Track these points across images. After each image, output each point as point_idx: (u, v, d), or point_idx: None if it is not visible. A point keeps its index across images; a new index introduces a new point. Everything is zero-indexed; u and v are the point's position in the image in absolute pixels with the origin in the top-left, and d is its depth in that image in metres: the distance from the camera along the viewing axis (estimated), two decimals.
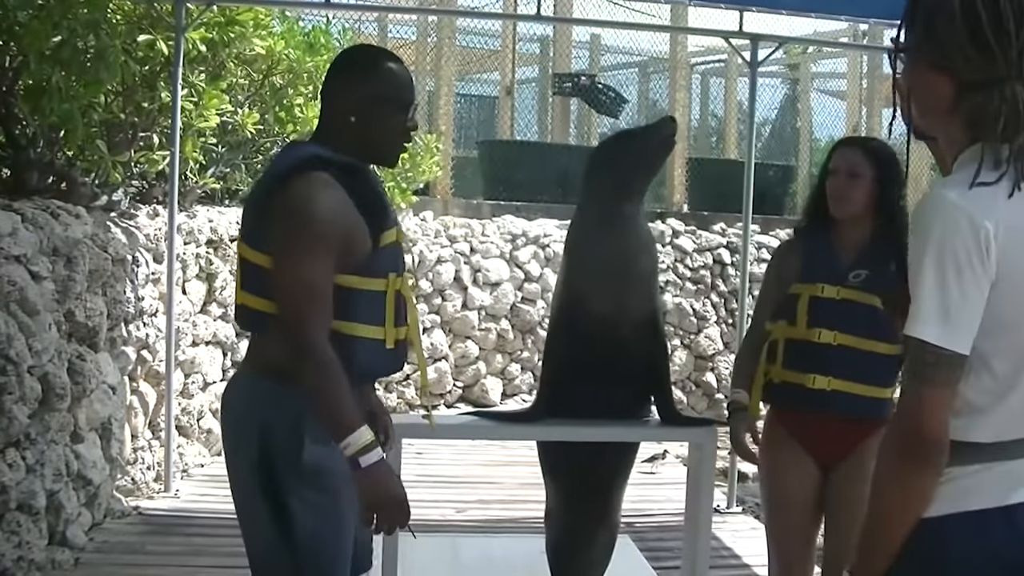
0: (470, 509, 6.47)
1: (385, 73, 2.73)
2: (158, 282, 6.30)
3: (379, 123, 2.72)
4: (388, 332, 2.68)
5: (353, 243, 2.60)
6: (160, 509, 6.00)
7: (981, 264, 1.80)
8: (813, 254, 3.54)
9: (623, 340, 3.51)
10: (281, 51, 7.34)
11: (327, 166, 2.62)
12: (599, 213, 3.56)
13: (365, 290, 2.64)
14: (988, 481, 1.88)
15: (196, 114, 6.29)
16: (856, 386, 3.35)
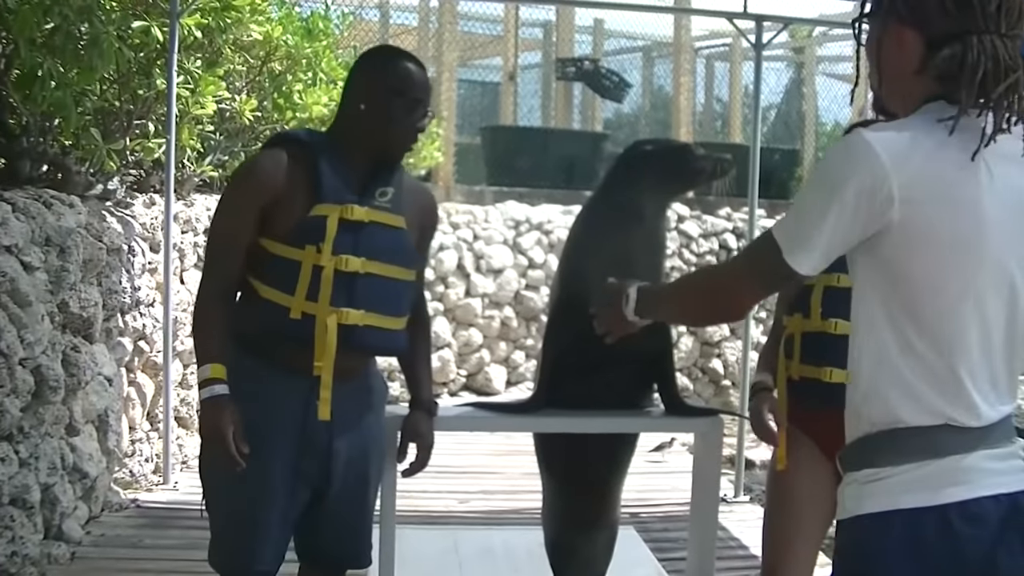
0: (473, 500, 6.39)
1: (401, 71, 2.84)
2: (155, 272, 6.22)
3: (386, 116, 2.81)
4: (295, 303, 2.74)
5: (280, 209, 2.73)
6: (159, 502, 5.93)
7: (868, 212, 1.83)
8: None
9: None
10: (279, 37, 7.24)
11: (284, 142, 2.86)
12: (615, 203, 3.45)
13: (279, 256, 2.74)
14: (920, 480, 1.87)
15: (193, 101, 6.19)
16: None
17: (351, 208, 2.77)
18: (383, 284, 2.83)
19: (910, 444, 1.88)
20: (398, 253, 2.86)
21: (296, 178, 2.76)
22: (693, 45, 14.30)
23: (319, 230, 2.73)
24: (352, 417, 2.91)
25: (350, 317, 2.76)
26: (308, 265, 2.73)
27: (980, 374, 1.89)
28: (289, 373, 2.80)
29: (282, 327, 2.76)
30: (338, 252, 2.74)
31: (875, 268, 1.92)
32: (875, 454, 1.94)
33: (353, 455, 2.92)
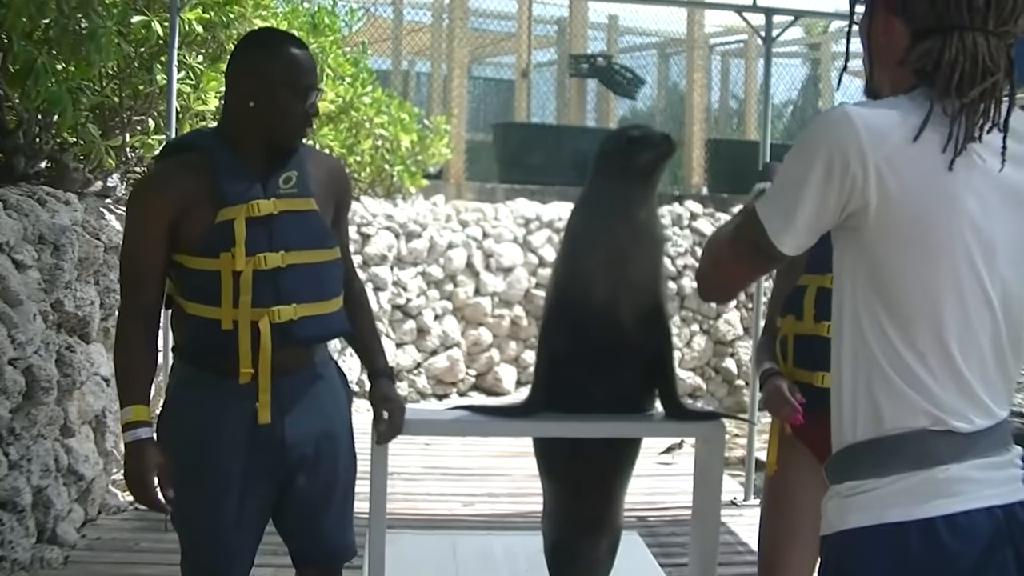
0: (477, 503, 6.28)
1: (285, 58, 2.71)
2: None
3: (277, 109, 2.70)
4: (223, 313, 2.64)
5: (186, 221, 2.64)
6: None
7: (843, 186, 1.76)
8: (821, 242, 3.29)
9: (624, 328, 3.26)
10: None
11: (176, 151, 2.80)
12: (591, 200, 3.33)
13: (196, 269, 2.64)
14: (906, 492, 1.77)
15: (194, 97, 6.10)
16: None
17: (256, 205, 2.68)
18: (308, 272, 2.75)
19: (895, 453, 1.78)
20: (315, 236, 2.77)
21: (194, 187, 2.67)
22: (708, 41, 14.12)
23: (228, 235, 2.64)
24: (305, 408, 2.82)
25: (283, 314, 2.69)
26: (227, 273, 2.63)
27: (970, 376, 1.78)
28: (230, 380, 2.70)
29: (216, 340, 2.67)
30: (253, 252, 2.65)
31: (855, 259, 1.84)
32: (859, 465, 1.84)
33: (314, 446, 2.84)
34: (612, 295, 3.24)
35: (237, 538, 2.78)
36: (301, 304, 2.72)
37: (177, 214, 2.64)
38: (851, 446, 1.86)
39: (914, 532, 1.74)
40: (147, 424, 2.63)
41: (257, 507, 2.80)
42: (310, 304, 2.74)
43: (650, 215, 3.39)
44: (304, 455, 2.82)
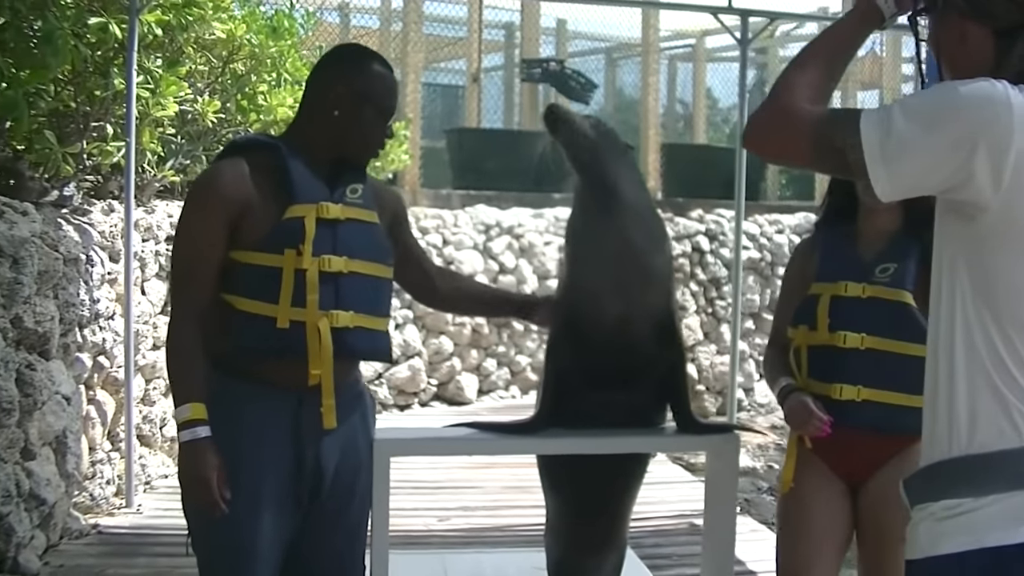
0: (453, 517, 6.10)
1: (378, 79, 2.74)
2: (115, 282, 5.87)
3: (360, 124, 2.72)
4: (281, 311, 2.58)
5: (249, 217, 2.59)
6: (121, 527, 5.58)
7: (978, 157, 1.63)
8: (834, 249, 3.16)
9: (636, 340, 3.10)
10: (242, 36, 6.91)
11: (239, 149, 2.73)
12: (577, 204, 3.17)
13: (257, 265, 2.59)
14: (1009, 513, 1.65)
15: (153, 102, 5.86)
16: (890, 395, 2.95)
17: (326, 207, 2.64)
18: (366, 283, 2.71)
19: (997, 471, 1.66)
20: (376, 249, 2.75)
21: (262, 184, 2.63)
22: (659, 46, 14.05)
23: (297, 232, 2.60)
24: (340, 431, 2.74)
25: (340, 319, 2.63)
26: (290, 270, 2.58)
27: None
28: (273, 391, 2.64)
29: (269, 339, 2.59)
30: (319, 252, 2.61)
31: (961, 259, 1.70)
32: (955, 483, 1.71)
33: (341, 471, 2.77)
34: (624, 307, 3.09)
35: (271, 561, 2.68)
36: (358, 314, 2.67)
37: (241, 209, 2.59)
38: (945, 462, 1.73)
39: (1013, 555, 1.62)
40: (206, 423, 2.56)
41: (286, 528, 2.71)
42: (365, 316, 2.70)
43: (654, 219, 3.23)
44: (330, 481, 2.75)
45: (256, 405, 2.65)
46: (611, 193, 3.07)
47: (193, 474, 2.55)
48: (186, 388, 2.59)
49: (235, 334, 2.62)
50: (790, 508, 3.19)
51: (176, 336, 2.63)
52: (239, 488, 2.58)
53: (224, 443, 2.58)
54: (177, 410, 2.58)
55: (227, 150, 2.78)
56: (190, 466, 2.55)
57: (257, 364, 2.64)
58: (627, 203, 3.11)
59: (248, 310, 2.60)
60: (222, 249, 2.60)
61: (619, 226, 3.09)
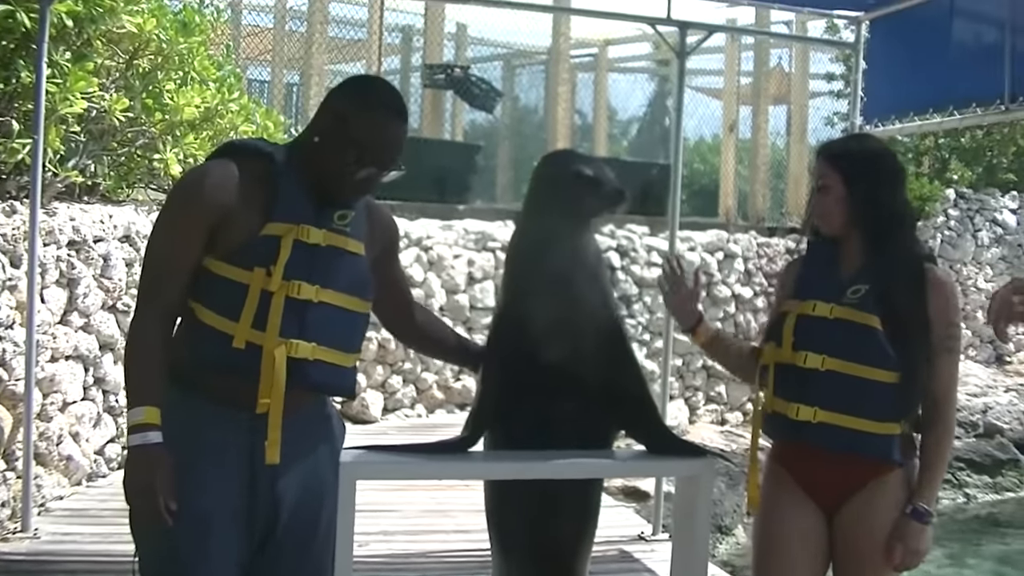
0: (372, 543, 5.99)
1: (374, 123, 2.62)
2: (15, 289, 5.64)
3: (335, 161, 2.61)
4: (239, 330, 2.53)
5: (228, 226, 2.54)
6: (17, 554, 5.35)
7: None
8: (811, 268, 3.23)
9: (581, 352, 3.10)
10: (152, 30, 6.72)
11: (232, 152, 2.65)
12: (539, 224, 3.16)
13: (224, 277, 2.55)
14: None
15: (61, 97, 5.66)
16: (844, 418, 2.99)
17: (307, 229, 2.58)
18: (337, 315, 2.64)
19: None
20: (355, 282, 2.69)
21: (248, 193, 2.57)
22: (569, 54, 14.11)
23: (270, 251, 2.54)
24: (299, 456, 2.68)
25: (300, 350, 2.56)
26: (256, 289, 2.53)
27: None
28: (230, 408, 2.57)
29: (223, 357, 2.54)
30: (290, 277, 2.55)
31: None
32: None
33: (302, 505, 2.69)
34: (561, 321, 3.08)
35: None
36: (321, 346, 2.59)
37: (222, 215, 2.54)
38: None
39: None
40: (157, 428, 2.49)
41: (238, 553, 2.63)
42: (329, 350, 2.62)
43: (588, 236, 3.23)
44: (288, 509, 2.67)
45: (210, 422, 2.59)
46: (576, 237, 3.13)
47: (138, 481, 2.47)
48: (142, 390, 2.52)
49: (192, 344, 2.59)
50: (764, 530, 3.23)
51: (139, 336, 2.56)
52: (186, 507, 2.51)
53: (174, 456, 2.52)
54: (130, 412, 2.51)
55: (220, 151, 2.72)
56: (136, 473, 2.48)
57: (212, 379, 2.58)
58: (584, 230, 3.17)
59: (208, 323, 2.55)
60: (198, 251, 2.55)
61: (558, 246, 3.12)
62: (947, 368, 3.04)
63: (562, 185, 3.10)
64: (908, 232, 3.13)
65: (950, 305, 3.04)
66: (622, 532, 6.35)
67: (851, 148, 3.20)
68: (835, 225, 3.12)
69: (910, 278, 3.02)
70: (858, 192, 3.06)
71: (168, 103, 7.03)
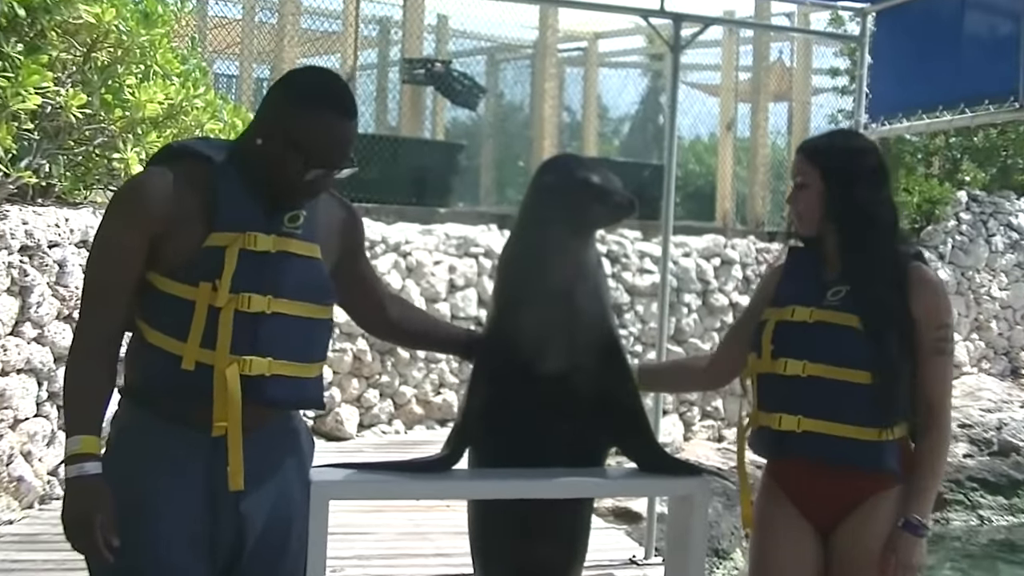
0: (348, 568, 5.99)
1: (317, 122, 2.58)
2: None
3: (279, 166, 2.58)
4: (188, 350, 2.52)
5: (170, 238, 2.53)
6: None
7: None
8: (792, 272, 3.27)
9: (576, 366, 3.13)
10: (111, 21, 6.70)
11: (172, 157, 2.64)
12: (536, 234, 3.17)
13: (169, 294, 2.54)
14: None
15: (12, 93, 5.64)
16: (830, 425, 3.02)
17: (253, 237, 2.57)
18: (293, 325, 2.63)
19: None
20: (311, 288, 2.67)
21: (188, 202, 2.56)
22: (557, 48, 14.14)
23: (215, 263, 2.53)
24: (264, 475, 2.67)
25: (254, 366, 2.55)
26: (203, 306, 2.52)
27: None
28: (186, 429, 2.56)
29: (173, 379, 2.54)
30: (238, 289, 2.54)
31: None
32: None
33: (269, 527, 2.68)
34: (558, 336, 3.12)
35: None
36: (278, 360, 2.58)
37: (164, 228, 2.53)
38: None
39: None
40: (95, 458, 2.49)
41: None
42: (289, 363, 2.60)
43: (590, 247, 3.24)
44: (254, 531, 2.65)
45: (166, 441, 2.58)
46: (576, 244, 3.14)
47: (75, 516, 2.46)
48: (80, 418, 2.52)
49: (141, 366, 2.59)
50: (759, 550, 3.26)
51: (78, 359, 2.56)
52: (142, 534, 2.51)
53: (127, 481, 2.53)
54: (67, 441, 2.50)
55: (160, 156, 2.70)
56: (73, 506, 2.47)
57: (165, 401, 2.58)
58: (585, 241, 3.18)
59: (156, 343, 2.55)
60: (140, 266, 2.55)
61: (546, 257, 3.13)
62: (939, 371, 3.07)
63: (566, 194, 3.10)
64: (890, 231, 3.14)
65: (939, 304, 3.08)
66: (613, 556, 6.37)
67: (832, 143, 3.24)
68: (812, 223, 3.15)
69: (893, 276, 3.05)
70: (836, 189, 3.10)
71: (129, 99, 7.01)
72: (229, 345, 2.52)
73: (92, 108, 6.77)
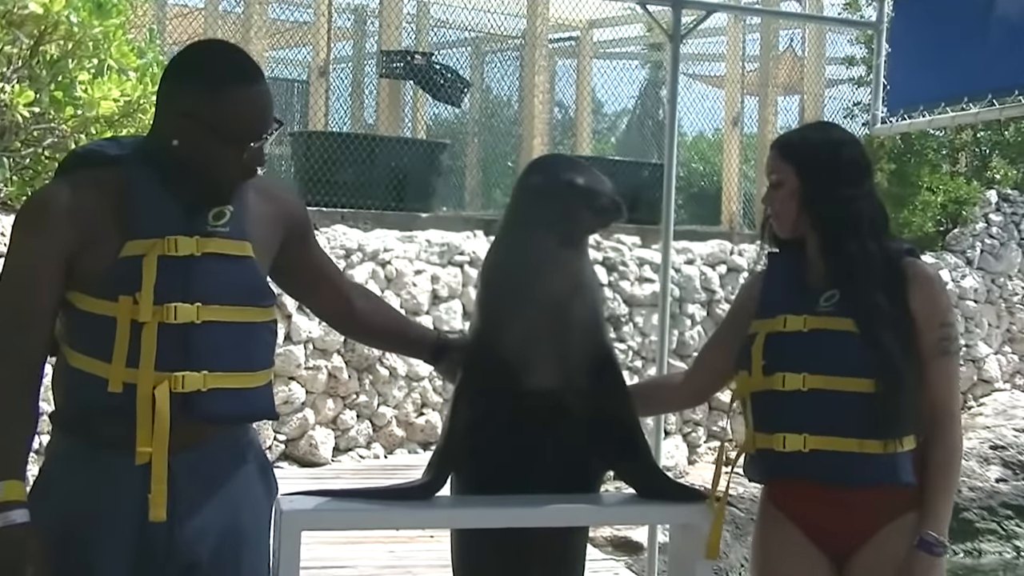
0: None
1: (222, 97, 2.56)
2: None
3: (204, 157, 2.59)
4: (113, 371, 2.52)
5: (86, 252, 2.54)
6: None
7: None
8: (776, 280, 3.26)
9: (567, 384, 3.16)
10: (60, 11, 6.69)
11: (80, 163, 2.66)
12: (521, 240, 3.19)
13: (89, 312, 2.55)
14: None
15: None
16: (840, 441, 3.00)
17: (174, 241, 2.56)
18: (230, 332, 2.63)
19: None
20: (244, 290, 2.66)
21: (101, 210, 2.56)
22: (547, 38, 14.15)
23: (133, 275, 2.53)
24: (206, 495, 2.67)
25: (187, 382, 2.56)
26: (125, 321, 2.53)
27: None
28: (118, 455, 2.56)
29: (100, 403, 2.55)
30: (162, 301, 2.54)
31: None
32: None
33: (214, 545, 2.67)
34: (548, 351, 3.14)
35: None
36: (215, 372, 2.58)
37: (79, 242, 2.53)
38: None
39: None
40: (21, 505, 2.48)
41: None
42: (227, 374, 2.61)
43: (580, 254, 3.26)
44: (199, 557, 2.65)
45: (95, 470, 2.60)
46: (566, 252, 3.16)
47: (2, 568, 2.47)
48: (2, 462, 2.51)
49: (67, 391, 2.62)
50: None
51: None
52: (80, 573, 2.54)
53: (60, 519, 2.55)
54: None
55: (67, 163, 2.72)
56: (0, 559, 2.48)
57: (93, 427, 2.59)
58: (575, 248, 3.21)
59: (79, 366, 2.57)
60: (57, 287, 2.56)
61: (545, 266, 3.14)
62: (944, 372, 3.07)
63: (551, 197, 3.11)
64: (876, 227, 3.12)
65: (939, 300, 3.10)
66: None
67: (806, 137, 3.26)
68: (788, 224, 3.16)
69: (885, 274, 3.04)
70: (813, 185, 3.09)
71: (81, 96, 6.99)
72: (154, 362, 2.52)
73: (41, 106, 6.76)
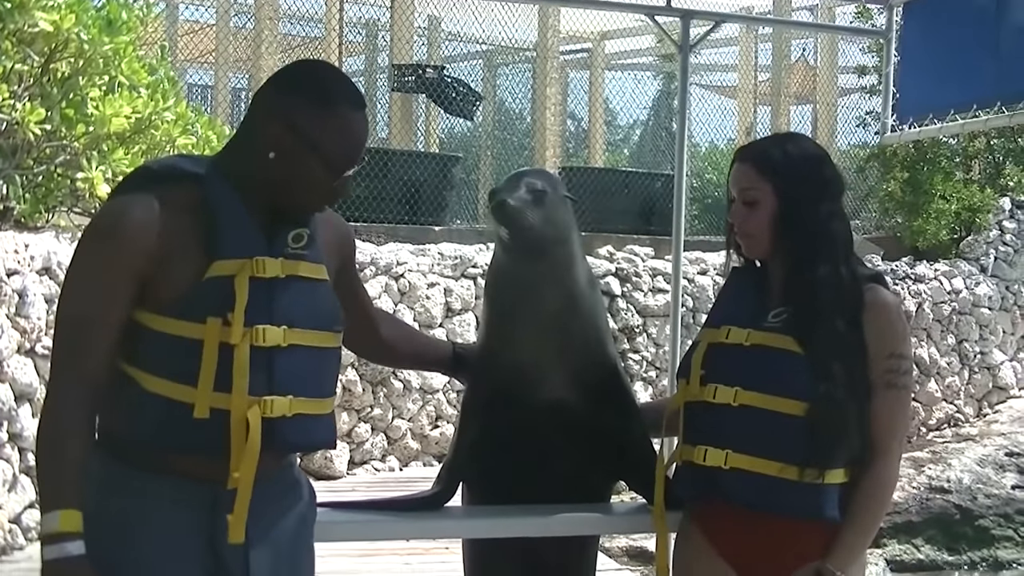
0: None
1: (334, 123, 2.51)
2: None
3: (299, 178, 2.53)
4: (200, 396, 2.43)
5: (162, 272, 2.46)
6: None
7: None
8: (731, 291, 3.16)
9: (571, 393, 3.18)
10: (71, 29, 6.74)
11: (152, 179, 2.55)
12: (508, 253, 3.20)
13: (169, 335, 2.46)
14: None
15: None
16: (760, 462, 2.86)
17: (262, 262, 2.49)
18: (310, 357, 2.57)
19: None
20: (322, 315, 2.61)
21: (181, 229, 2.48)
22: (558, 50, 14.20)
23: (224, 296, 2.45)
24: (273, 527, 2.61)
25: (276, 407, 2.49)
26: (213, 344, 2.44)
27: None
28: (182, 483, 2.51)
29: (184, 431, 2.46)
30: (252, 322, 2.46)
31: None
32: None
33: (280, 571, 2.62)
34: (549, 358, 3.16)
35: None
36: (299, 398, 2.53)
37: (153, 262, 2.45)
38: None
39: None
40: (78, 536, 2.37)
41: None
42: (308, 400, 2.55)
43: (579, 261, 3.26)
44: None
45: (158, 502, 2.51)
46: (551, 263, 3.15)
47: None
48: (59, 490, 2.41)
49: (140, 421, 2.50)
50: None
51: (53, 421, 2.44)
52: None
53: (111, 552, 2.45)
54: (44, 518, 2.40)
55: (136, 179, 2.60)
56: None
57: (165, 457, 2.50)
58: (565, 262, 3.19)
59: (158, 391, 2.46)
60: (125, 309, 2.47)
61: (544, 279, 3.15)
62: (888, 406, 2.92)
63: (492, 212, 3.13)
64: (844, 248, 3.00)
65: (894, 331, 2.96)
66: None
67: (785, 153, 3.04)
68: (763, 247, 3.01)
69: (845, 298, 2.92)
70: (793, 207, 2.96)
71: (92, 113, 7.05)
72: (247, 385, 2.46)
73: (52, 124, 6.82)
